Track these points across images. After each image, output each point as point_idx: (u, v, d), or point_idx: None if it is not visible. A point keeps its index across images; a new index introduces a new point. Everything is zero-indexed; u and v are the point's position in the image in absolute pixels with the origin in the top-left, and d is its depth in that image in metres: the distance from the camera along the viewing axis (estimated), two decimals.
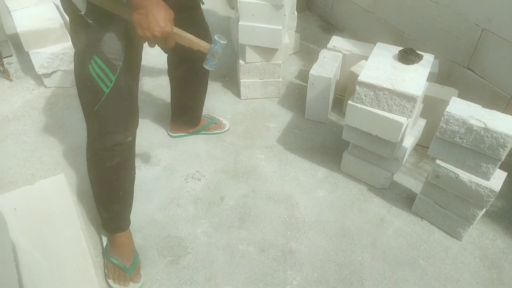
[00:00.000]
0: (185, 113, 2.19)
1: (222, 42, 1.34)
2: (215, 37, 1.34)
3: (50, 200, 1.38)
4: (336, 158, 2.19)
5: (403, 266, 1.73)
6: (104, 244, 1.74)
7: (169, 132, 2.28)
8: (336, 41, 2.46)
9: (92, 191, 1.63)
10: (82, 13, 1.21)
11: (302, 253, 1.78)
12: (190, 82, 2.00)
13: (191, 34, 1.34)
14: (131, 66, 1.40)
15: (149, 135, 2.26)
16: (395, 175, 2.06)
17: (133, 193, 1.68)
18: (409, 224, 1.89)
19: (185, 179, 2.07)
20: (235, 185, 2.06)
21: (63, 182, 1.39)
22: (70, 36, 1.39)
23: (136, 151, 2.19)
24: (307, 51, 3.02)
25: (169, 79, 2.08)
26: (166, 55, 1.96)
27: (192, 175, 2.09)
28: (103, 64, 1.31)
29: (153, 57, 2.70)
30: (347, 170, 2.11)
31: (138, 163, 2.13)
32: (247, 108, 2.52)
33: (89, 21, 1.23)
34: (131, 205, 1.70)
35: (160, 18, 1.18)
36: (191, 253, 1.77)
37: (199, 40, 1.35)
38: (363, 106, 1.78)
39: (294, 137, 2.33)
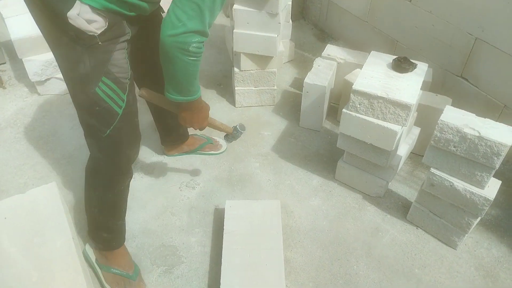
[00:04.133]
0: (171, 133, 2.11)
1: (241, 131, 1.72)
2: (237, 126, 1.70)
3: (41, 209, 1.36)
4: (330, 166, 2.18)
5: (398, 275, 1.72)
6: (91, 256, 1.67)
7: (164, 152, 2.21)
8: (331, 49, 2.47)
9: (92, 217, 1.57)
10: (97, 34, 1.17)
11: (297, 262, 1.76)
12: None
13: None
14: (132, 80, 1.37)
15: (143, 143, 2.25)
16: (390, 183, 2.05)
17: None
18: (404, 233, 1.89)
19: (179, 188, 2.06)
20: (230, 193, 2.04)
21: (55, 191, 1.37)
22: (60, 61, 1.28)
23: None
24: (302, 59, 3.03)
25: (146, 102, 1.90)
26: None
27: (187, 183, 2.08)
28: (113, 84, 1.25)
29: None
30: (341, 179, 2.11)
31: None
32: (242, 116, 2.52)
33: (100, 42, 1.19)
34: None
35: (200, 118, 1.54)
36: (185, 263, 1.75)
37: (225, 126, 1.69)
38: (358, 115, 1.78)
39: (288, 145, 2.33)
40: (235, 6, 2.18)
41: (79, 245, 1.39)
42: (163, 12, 1.58)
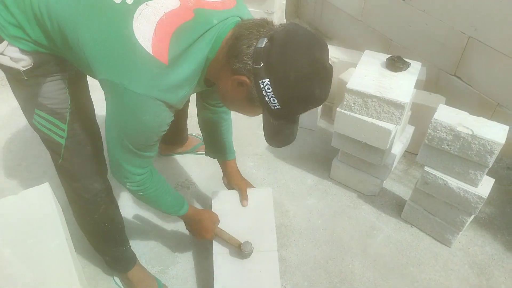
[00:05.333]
0: (171, 134, 2.10)
1: (244, 251, 1.52)
2: (241, 245, 1.53)
3: (35, 210, 1.35)
4: (325, 165, 2.18)
5: (393, 274, 1.73)
6: (118, 283, 1.69)
7: (159, 151, 2.19)
8: None
9: (87, 239, 1.57)
10: (22, 69, 1.13)
11: (293, 261, 1.77)
12: None
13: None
14: (83, 108, 1.30)
15: None
16: (384, 182, 2.06)
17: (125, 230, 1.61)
18: (398, 231, 1.90)
19: (174, 187, 2.05)
20: None
21: (49, 191, 1.36)
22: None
23: None
24: None
25: None
26: None
27: (181, 183, 2.07)
28: (48, 116, 1.21)
29: None
30: (336, 178, 2.11)
31: None
32: (237, 115, 2.48)
33: (25, 78, 1.15)
34: (128, 241, 1.63)
35: (201, 230, 1.54)
36: (180, 263, 1.75)
37: (233, 239, 1.55)
38: (352, 114, 1.79)
39: None
40: None
41: (73, 246, 1.38)
42: None
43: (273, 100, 0.99)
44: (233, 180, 1.73)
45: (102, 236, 1.52)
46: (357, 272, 1.74)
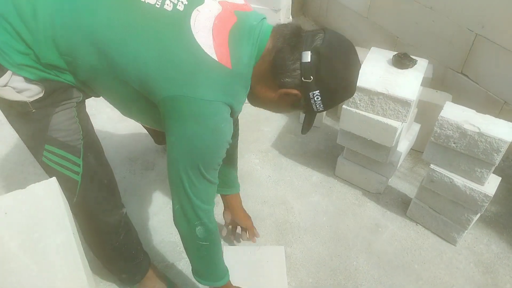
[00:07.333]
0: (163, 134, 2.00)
1: None
2: None
3: (41, 204, 1.35)
4: (331, 162, 2.18)
5: (398, 271, 1.73)
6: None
7: (165, 149, 2.15)
8: None
9: (102, 263, 1.49)
10: (29, 101, 1.02)
11: (297, 258, 1.77)
12: None
13: None
14: (93, 137, 1.21)
15: (144, 139, 2.25)
16: (389, 179, 2.06)
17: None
18: (403, 229, 1.89)
19: None
20: None
21: (55, 186, 1.36)
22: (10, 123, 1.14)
23: (131, 155, 2.18)
24: None
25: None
26: None
27: None
28: (60, 150, 1.11)
29: None
30: (341, 175, 2.11)
31: (132, 167, 2.12)
32: (242, 112, 2.50)
33: (32, 110, 1.04)
34: (143, 247, 1.54)
35: None
36: (185, 259, 1.75)
37: None
38: (358, 111, 1.78)
39: (289, 142, 2.32)
40: None
41: (79, 240, 1.39)
42: None
43: (319, 105, 1.08)
44: (238, 216, 1.68)
45: (121, 257, 1.46)
46: (362, 269, 1.73)
